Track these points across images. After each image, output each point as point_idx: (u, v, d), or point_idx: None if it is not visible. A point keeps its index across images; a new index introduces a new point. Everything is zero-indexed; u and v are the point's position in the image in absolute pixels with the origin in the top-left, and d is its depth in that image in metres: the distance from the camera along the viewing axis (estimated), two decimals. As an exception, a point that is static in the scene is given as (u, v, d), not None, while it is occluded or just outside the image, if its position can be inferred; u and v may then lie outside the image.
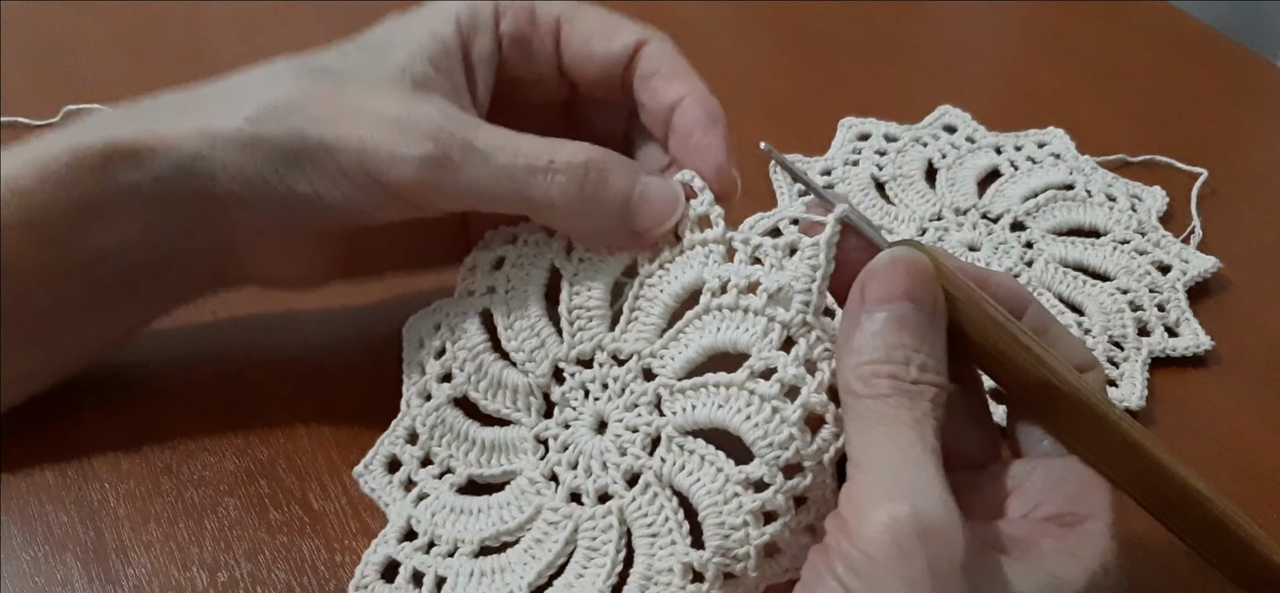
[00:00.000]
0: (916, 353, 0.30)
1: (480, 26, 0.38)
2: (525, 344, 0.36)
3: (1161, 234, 0.51)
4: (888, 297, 0.30)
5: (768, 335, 0.32)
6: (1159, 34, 0.67)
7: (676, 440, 0.33)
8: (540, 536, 0.35)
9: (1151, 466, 0.32)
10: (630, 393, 0.34)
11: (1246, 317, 0.48)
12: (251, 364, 0.43)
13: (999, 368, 0.32)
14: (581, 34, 0.39)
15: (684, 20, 0.66)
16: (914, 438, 0.29)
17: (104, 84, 0.57)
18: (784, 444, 0.32)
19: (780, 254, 0.33)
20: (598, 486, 0.34)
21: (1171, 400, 0.45)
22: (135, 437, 0.40)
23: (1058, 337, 0.33)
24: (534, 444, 0.36)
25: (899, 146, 0.56)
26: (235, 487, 0.39)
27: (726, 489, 0.32)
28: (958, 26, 0.70)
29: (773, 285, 0.33)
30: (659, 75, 0.38)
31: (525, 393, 0.36)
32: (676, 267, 0.35)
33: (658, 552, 0.33)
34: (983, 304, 0.31)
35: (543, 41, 0.39)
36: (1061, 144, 0.56)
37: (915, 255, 0.31)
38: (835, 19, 0.67)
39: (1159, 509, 0.32)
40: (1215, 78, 0.64)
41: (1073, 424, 0.32)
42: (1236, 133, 0.60)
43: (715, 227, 0.35)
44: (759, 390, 0.32)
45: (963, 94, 0.60)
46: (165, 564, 0.36)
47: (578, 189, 0.34)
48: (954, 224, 0.51)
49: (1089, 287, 0.48)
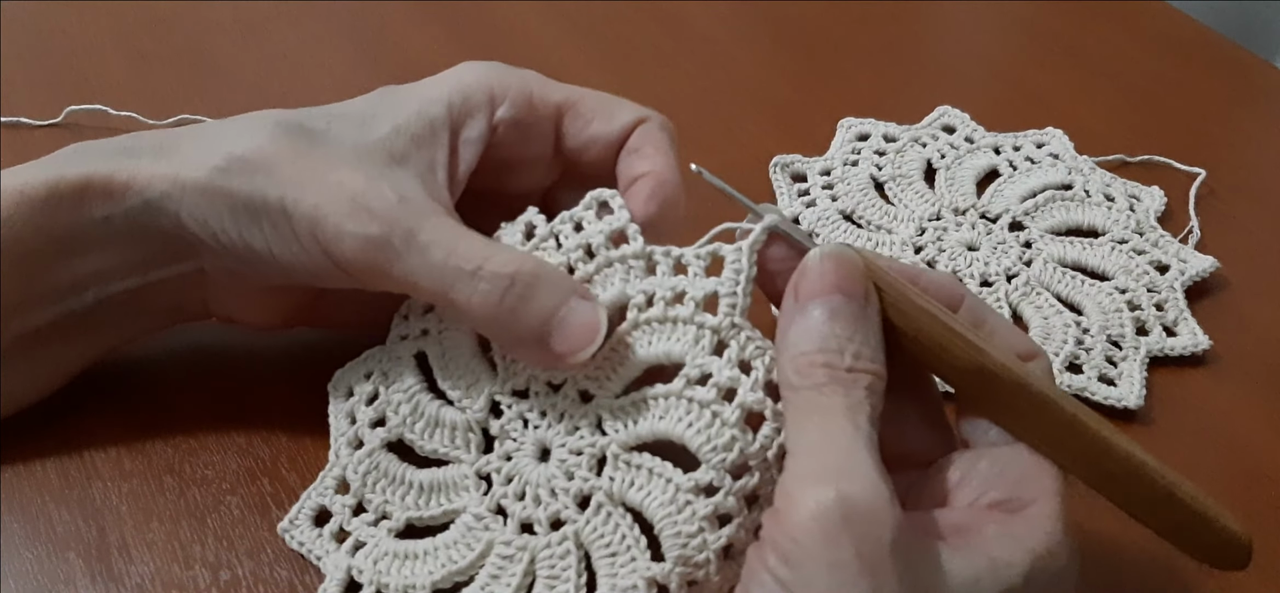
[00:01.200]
0: (850, 342, 0.31)
1: (474, 109, 0.38)
2: (460, 382, 0.36)
3: (1160, 234, 0.51)
4: (819, 291, 0.31)
5: (699, 342, 0.33)
6: (1157, 35, 0.67)
7: (623, 457, 0.34)
8: (495, 571, 0.35)
9: (1094, 442, 0.32)
10: (570, 418, 0.35)
11: (1244, 316, 0.49)
12: (254, 363, 0.43)
13: (935, 359, 0.33)
14: (584, 117, 0.39)
15: (684, 20, 0.66)
16: (846, 424, 0.30)
17: (105, 84, 0.57)
18: (727, 446, 0.32)
19: (703, 262, 0.34)
20: (549, 513, 0.34)
21: (1169, 400, 0.45)
22: (138, 435, 0.40)
23: (995, 328, 0.34)
24: (476, 480, 0.36)
25: (898, 147, 0.56)
26: (238, 485, 0.39)
27: (678, 498, 0.32)
28: (957, 27, 0.70)
29: (698, 293, 0.33)
30: (639, 152, 0.38)
31: (464, 429, 0.36)
32: (596, 285, 0.35)
33: (619, 570, 0.33)
34: (912, 296, 0.33)
35: (542, 127, 0.39)
36: (1060, 144, 0.57)
37: (844, 251, 0.32)
38: (835, 19, 0.67)
39: (1107, 486, 0.33)
40: (1213, 78, 0.64)
41: (1012, 408, 0.32)
42: (1234, 133, 0.60)
43: (633, 241, 0.35)
44: (697, 397, 0.33)
45: (962, 94, 0.60)
46: (167, 563, 0.36)
47: (498, 301, 0.34)
48: (953, 224, 0.52)
49: (1087, 286, 0.49)
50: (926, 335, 0.32)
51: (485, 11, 0.65)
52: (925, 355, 0.33)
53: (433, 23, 0.63)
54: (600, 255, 0.35)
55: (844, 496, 0.28)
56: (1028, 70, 0.64)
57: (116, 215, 0.37)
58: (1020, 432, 0.33)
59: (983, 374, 0.32)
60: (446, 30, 0.63)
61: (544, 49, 0.63)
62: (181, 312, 0.41)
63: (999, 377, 0.32)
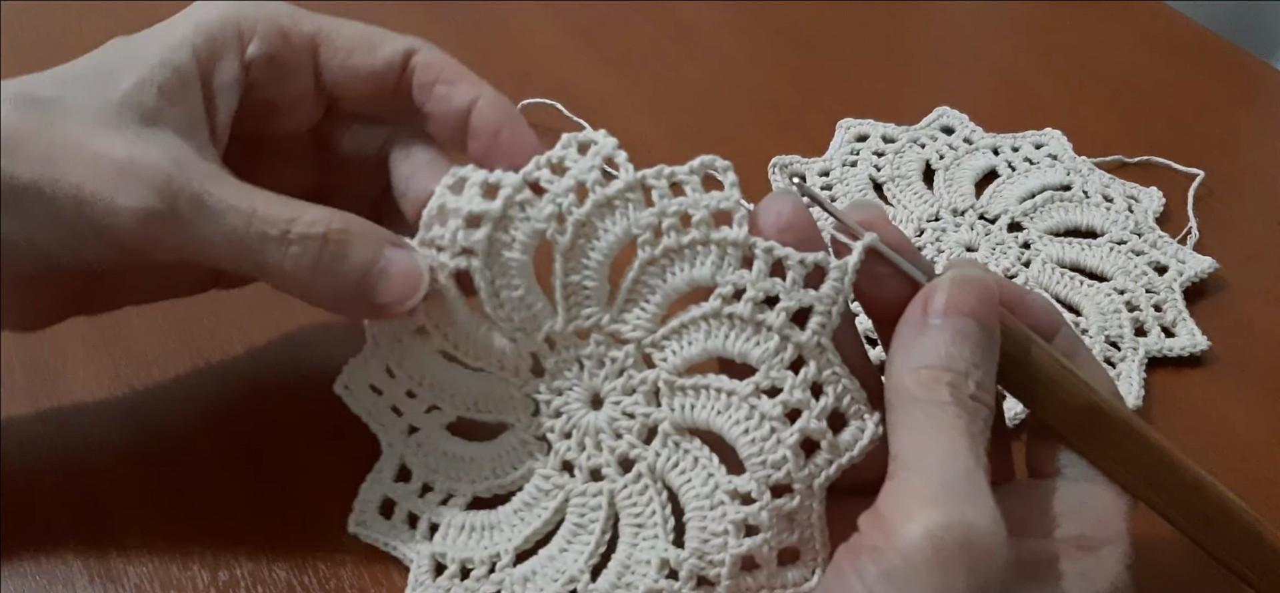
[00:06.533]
0: (975, 369, 0.30)
1: (222, 50, 0.35)
2: (514, 314, 0.34)
3: (1158, 235, 0.51)
4: (955, 310, 0.30)
5: (779, 354, 0.32)
6: (1156, 35, 0.67)
7: (673, 437, 0.33)
8: (530, 500, 0.35)
9: (1193, 484, 0.32)
10: (629, 377, 0.34)
11: (1243, 317, 0.49)
12: (253, 362, 0.43)
13: (1043, 392, 0.32)
14: (343, 49, 0.36)
15: (684, 20, 0.66)
16: (967, 448, 0.28)
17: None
18: (777, 464, 0.32)
19: (805, 269, 0.32)
20: (591, 463, 0.35)
21: (1168, 401, 0.45)
22: (136, 434, 0.40)
23: (1085, 361, 0.33)
24: (524, 400, 0.36)
25: (897, 148, 0.56)
26: (237, 485, 0.39)
27: (714, 495, 0.32)
28: (955, 28, 0.70)
29: (793, 304, 0.32)
30: (442, 80, 0.36)
31: (513, 356, 0.35)
32: (684, 256, 0.33)
33: (640, 542, 0.34)
34: (1027, 330, 0.32)
35: (299, 61, 0.36)
36: (1059, 145, 0.57)
37: (984, 277, 0.31)
38: (834, 20, 0.67)
39: (1197, 528, 0.32)
40: (1212, 79, 0.64)
41: (1114, 447, 0.32)
42: (1233, 134, 0.60)
43: (738, 227, 0.33)
44: (761, 407, 0.32)
45: (960, 95, 0.60)
46: (166, 563, 0.36)
47: (313, 262, 0.32)
48: (951, 225, 0.52)
49: (1086, 287, 0.49)
50: (1042, 371, 0.32)
51: (485, 11, 0.65)
52: (1035, 389, 0.32)
53: (432, 23, 0.63)
54: (698, 231, 0.33)
55: (969, 524, 0.26)
56: (1026, 71, 0.64)
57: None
58: (1115, 470, 0.32)
59: (1093, 412, 0.32)
60: (446, 30, 0.63)
61: (544, 49, 0.63)
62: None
63: (1108, 416, 0.32)
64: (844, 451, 0.32)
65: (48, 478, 0.39)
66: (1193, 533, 0.32)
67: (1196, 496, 0.32)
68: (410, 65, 0.37)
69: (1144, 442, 0.32)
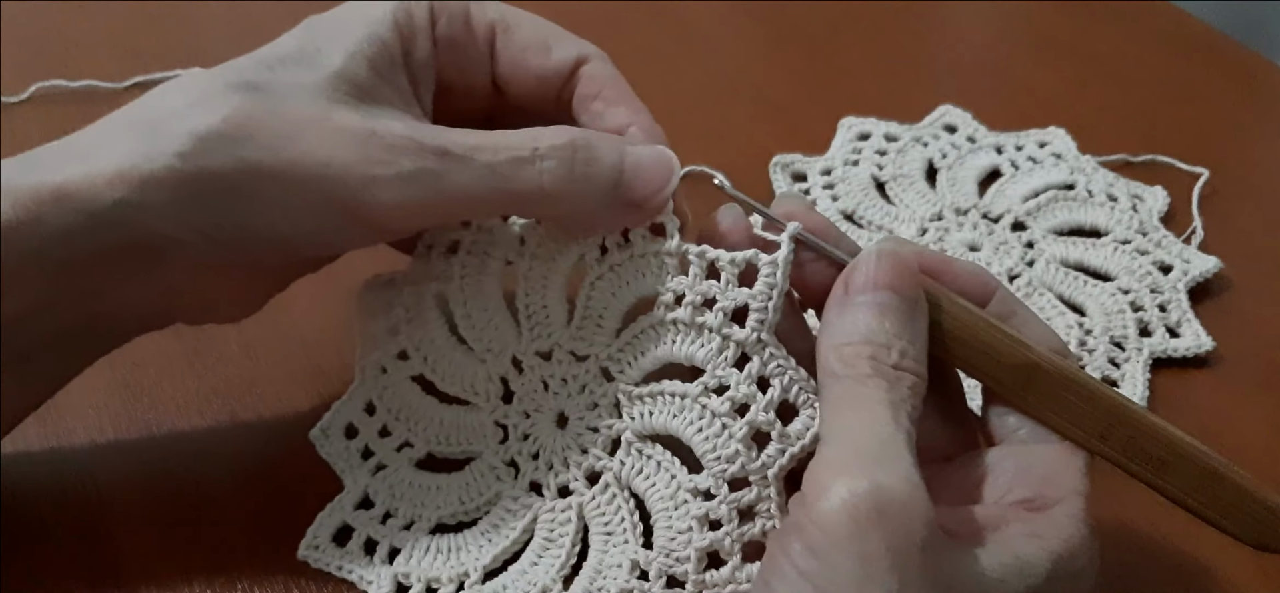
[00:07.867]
0: (897, 340, 0.30)
1: (418, 28, 0.35)
2: (483, 335, 0.36)
3: (1163, 234, 0.51)
4: (872, 286, 0.31)
5: (722, 353, 0.34)
6: (1160, 34, 0.67)
7: (635, 445, 0.35)
8: (498, 521, 0.36)
9: (1142, 427, 0.32)
10: (590, 393, 0.35)
11: (1248, 317, 0.48)
12: (252, 366, 0.43)
13: (980, 358, 0.32)
14: (518, 44, 0.37)
15: (684, 20, 0.66)
16: (887, 417, 0.29)
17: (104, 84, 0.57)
18: (730, 459, 0.33)
19: (736, 268, 0.33)
20: (559, 481, 0.36)
21: (1173, 401, 0.44)
22: (134, 439, 0.40)
23: (1026, 319, 0.33)
24: (493, 428, 0.37)
25: (899, 146, 0.56)
26: (235, 490, 0.39)
27: (677, 495, 0.34)
28: (958, 26, 0.69)
29: (729, 303, 0.33)
30: (601, 98, 0.36)
31: (484, 380, 0.37)
32: (628, 271, 0.35)
33: (610, 548, 0.35)
34: (956, 297, 0.32)
35: (478, 48, 0.37)
36: (1062, 144, 0.56)
37: (899, 250, 0.32)
38: (835, 19, 0.67)
39: (1152, 473, 0.32)
40: (1217, 78, 0.64)
41: (1057, 401, 0.32)
42: (1238, 133, 0.60)
43: (671, 238, 0.35)
44: (711, 406, 0.34)
45: (963, 94, 0.60)
46: (164, 570, 0.36)
47: (568, 171, 0.32)
48: (954, 224, 0.51)
49: (1090, 287, 0.48)
50: (972, 334, 0.32)
51: (485, 11, 0.65)
52: (969, 354, 0.32)
53: (432, 22, 0.63)
54: (637, 246, 0.35)
55: (879, 486, 0.27)
56: (1030, 69, 0.64)
57: (47, 241, 0.30)
58: (1063, 425, 0.32)
59: (1030, 370, 0.32)
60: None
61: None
62: (139, 329, 0.36)
63: (1047, 372, 0.32)
64: (795, 439, 0.33)
65: (46, 481, 0.38)
66: (1150, 479, 0.32)
67: (1149, 441, 0.32)
68: (577, 74, 0.37)
69: (1086, 393, 0.32)
